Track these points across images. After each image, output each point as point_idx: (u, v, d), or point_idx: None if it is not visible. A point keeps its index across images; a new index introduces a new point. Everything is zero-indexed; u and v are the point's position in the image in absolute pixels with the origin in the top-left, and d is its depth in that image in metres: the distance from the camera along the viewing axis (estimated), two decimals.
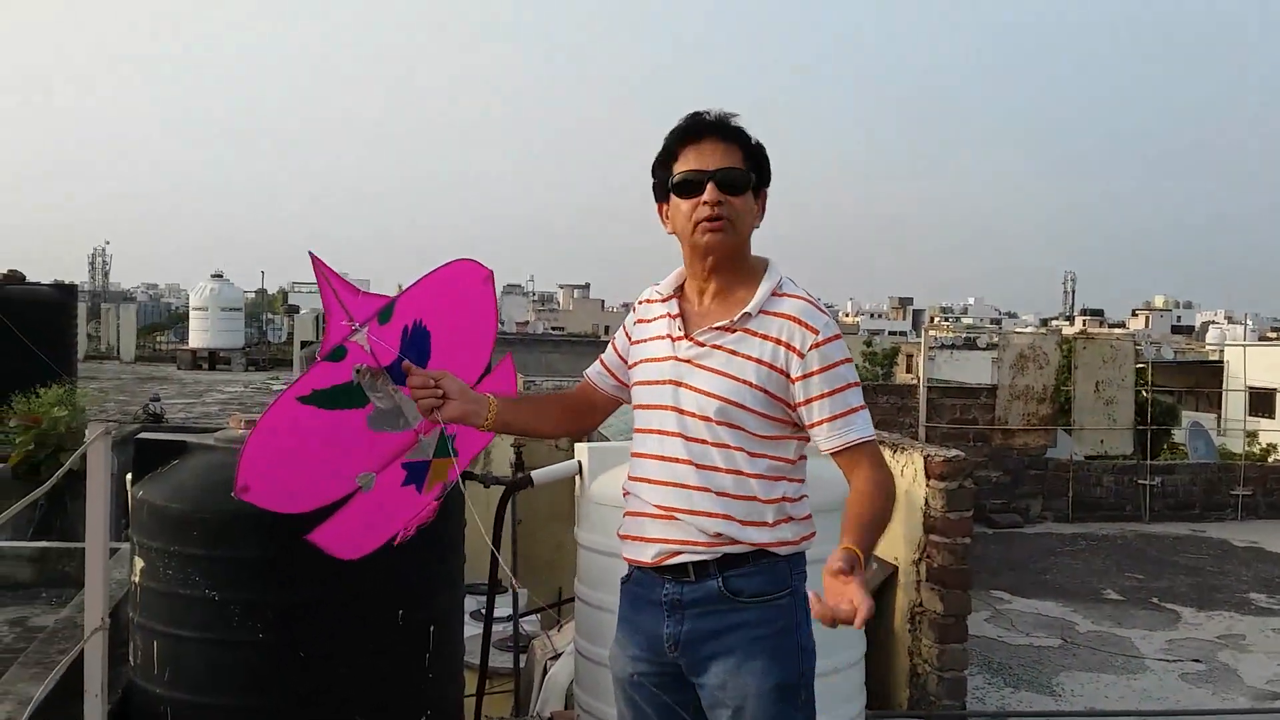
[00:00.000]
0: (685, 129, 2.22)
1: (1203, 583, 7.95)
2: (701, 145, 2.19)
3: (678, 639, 2.20)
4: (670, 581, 2.21)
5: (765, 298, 2.17)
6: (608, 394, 2.48)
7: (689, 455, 2.17)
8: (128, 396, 13.71)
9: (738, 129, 2.22)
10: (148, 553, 2.93)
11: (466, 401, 2.25)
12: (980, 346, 33.86)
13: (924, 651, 4.69)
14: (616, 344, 2.44)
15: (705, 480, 2.16)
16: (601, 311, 73.37)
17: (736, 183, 2.18)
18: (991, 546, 8.90)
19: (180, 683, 2.86)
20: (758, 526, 2.15)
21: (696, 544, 2.16)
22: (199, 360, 21.68)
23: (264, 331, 39.03)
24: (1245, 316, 70.91)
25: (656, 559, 2.21)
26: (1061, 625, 6.70)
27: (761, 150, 2.24)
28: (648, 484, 2.24)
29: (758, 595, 2.16)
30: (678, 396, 2.19)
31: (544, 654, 4.83)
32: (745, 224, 2.20)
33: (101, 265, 74.56)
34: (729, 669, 2.16)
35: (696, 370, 2.18)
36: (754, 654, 2.14)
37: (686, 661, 2.21)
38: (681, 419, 2.18)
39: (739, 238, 2.20)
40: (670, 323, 2.26)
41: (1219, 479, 10.81)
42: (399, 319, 2.28)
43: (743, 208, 2.18)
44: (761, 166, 2.23)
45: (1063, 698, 5.38)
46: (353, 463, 2.32)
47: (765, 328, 2.15)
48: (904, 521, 4.78)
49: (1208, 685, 5.61)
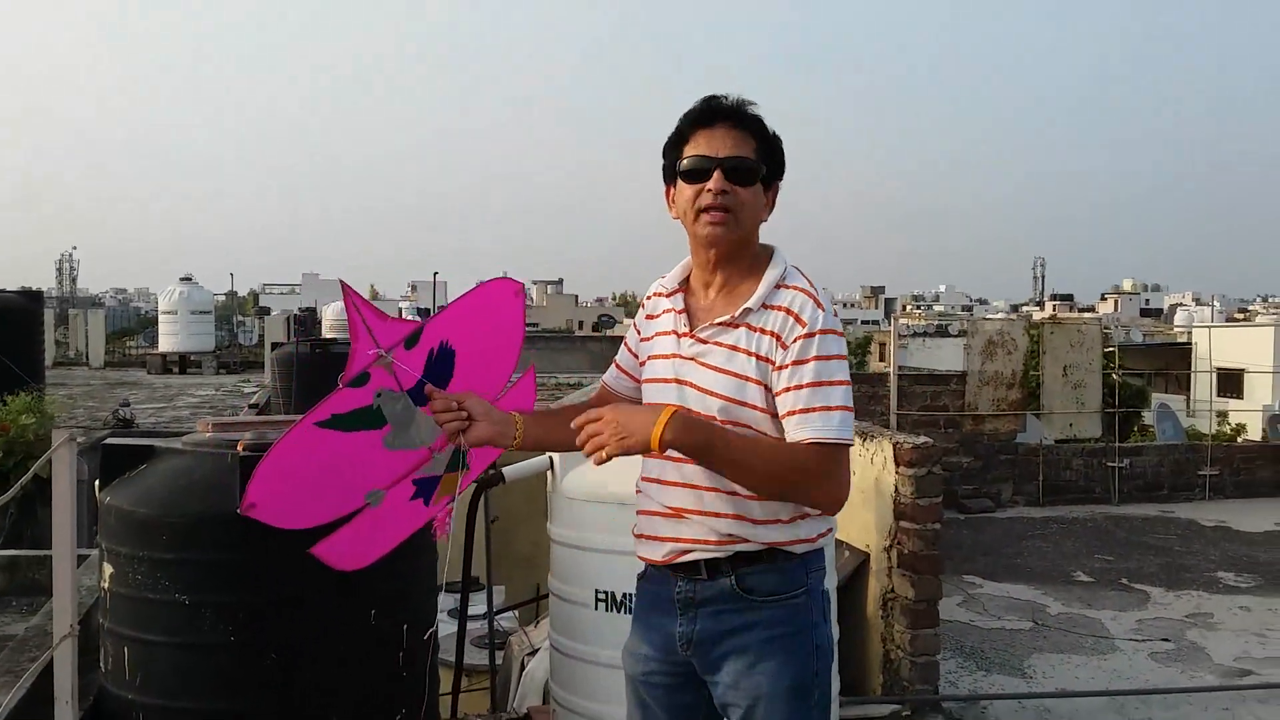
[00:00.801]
0: (699, 112, 2.16)
1: (1171, 563, 8.06)
2: (714, 130, 2.12)
3: (690, 638, 2.17)
4: (683, 579, 2.18)
5: (768, 291, 2.11)
6: (625, 397, 2.39)
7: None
8: (97, 402, 13.60)
9: (754, 117, 2.15)
10: (116, 558, 2.91)
11: (493, 423, 2.18)
12: (952, 334, 34.08)
13: (897, 637, 4.74)
14: (629, 343, 2.39)
15: (714, 480, 2.10)
16: (575, 307, 73.25)
17: (745, 172, 2.11)
18: (963, 531, 8.98)
19: (152, 688, 2.85)
20: (772, 524, 2.11)
21: (708, 542, 2.13)
22: (169, 364, 21.56)
23: (235, 334, 38.73)
24: (1213, 298, 71.78)
25: (668, 557, 2.18)
26: (1032, 608, 6.78)
27: (777, 141, 2.18)
28: (658, 484, 2.20)
29: (772, 594, 2.12)
30: (683, 395, 2.14)
31: (521, 650, 4.85)
32: (750, 216, 2.13)
33: (69, 271, 73.77)
34: (742, 668, 2.12)
35: (698, 368, 2.13)
36: (768, 654, 2.11)
37: (699, 660, 2.18)
38: None
39: (742, 230, 2.13)
40: (676, 318, 2.21)
41: (1186, 460, 10.95)
42: (425, 343, 2.25)
43: (748, 199, 2.12)
44: (775, 158, 2.17)
45: (1034, 679, 5.44)
46: (364, 480, 2.31)
47: (764, 321, 2.09)
48: (875, 508, 4.82)
49: (1177, 664, 5.70)
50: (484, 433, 2.18)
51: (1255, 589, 7.31)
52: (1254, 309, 66.19)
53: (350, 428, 2.23)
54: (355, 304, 2.17)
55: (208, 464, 2.93)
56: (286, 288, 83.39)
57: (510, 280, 2.46)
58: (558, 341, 28.89)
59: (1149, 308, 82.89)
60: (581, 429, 2.03)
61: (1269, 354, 25.55)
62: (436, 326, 2.28)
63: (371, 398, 2.21)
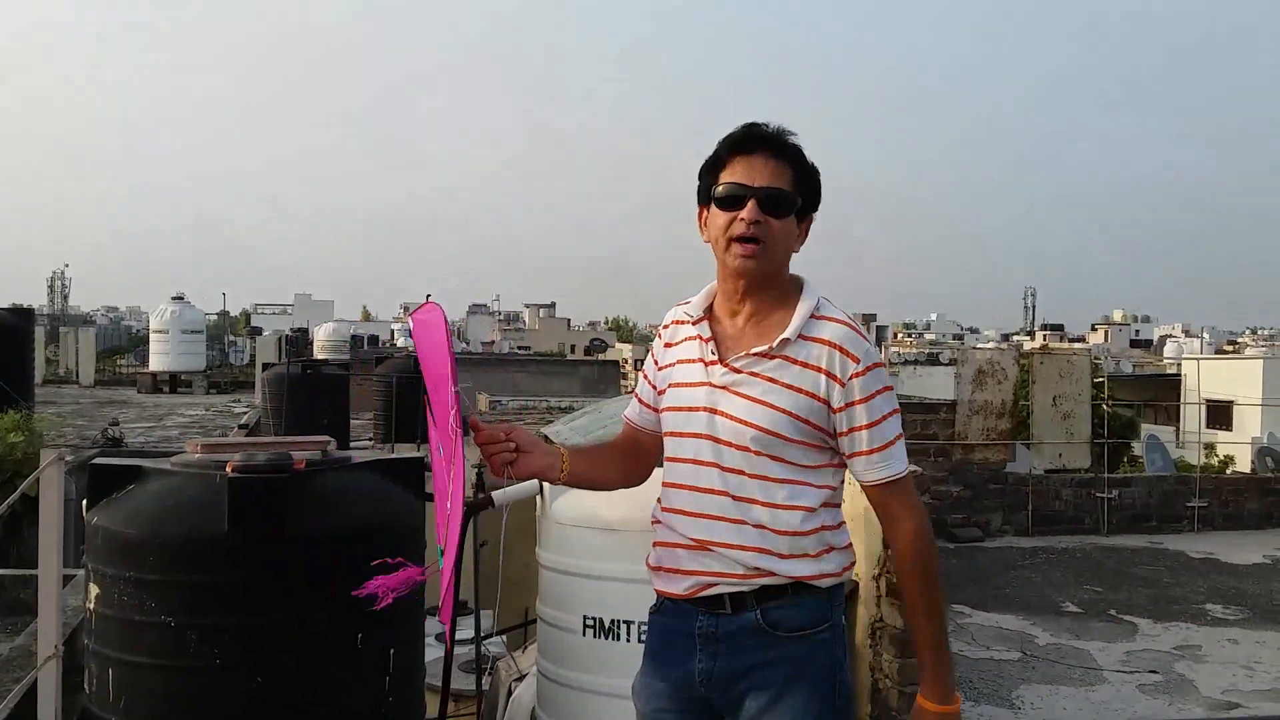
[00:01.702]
0: (739, 139, 2.14)
1: (1160, 594, 8.06)
2: (752, 159, 2.10)
3: (710, 674, 2.13)
4: (704, 614, 2.13)
5: (804, 321, 2.09)
6: (652, 432, 2.33)
7: (725, 486, 2.09)
8: (86, 421, 13.55)
9: (794, 146, 2.13)
10: (103, 579, 2.91)
11: (542, 455, 2.16)
12: (942, 362, 34.18)
13: (885, 667, 4.73)
14: (647, 375, 2.34)
15: (742, 513, 2.08)
16: (567, 330, 73.28)
17: (780, 203, 2.08)
18: (953, 561, 8.97)
19: (136, 710, 2.84)
20: (799, 559, 2.09)
21: (733, 576, 2.09)
22: (159, 383, 21.50)
23: (226, 354, 38.74)
24: (1202, 330, 72.08)
25: (690, 590, 2.14)
26: (1021, 638, 6.77)
27: (815, 173, 2.16)
28: (681, 515, 2.15)
29: (797, 629, 2.09)
30: (713, 425, 2.11)
31: (508, 675, 4.83)
32: (781, 248, 2.11)
33: (60, 288, 73.76)
34: (764, 704, 2.09)
35: (733, 397, 2.09)
36: (793, 690, 2.08)
37: (718, 696, 2.14)
38: (717, 448, 2.10)
39: (772, 262, 2.11)
40: (702, 346, 2.17)
41: (1175, 491, 10.96)
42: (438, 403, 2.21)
43: (781, 232, 2.09)
44: (811, 190, 2.15)
45: (1022, 710, 5.43)
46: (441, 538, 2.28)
47: (806, 354, 2.07)
48: (864, 537, 4.82)
49: (1165, 696, 5.69)
50: (536, 464, 2.15)
51: (1243, 621, 7.31)
52: (1243, 341, 66.56)
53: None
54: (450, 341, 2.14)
55: (196, 485, 2.93)
56: (279, 308, 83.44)
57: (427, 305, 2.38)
58: (550, 365, 28.90)
59: (1139, 339, 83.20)
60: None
61: (1258, 386, 25.71)
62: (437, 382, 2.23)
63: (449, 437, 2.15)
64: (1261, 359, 31.69)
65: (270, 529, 2.82)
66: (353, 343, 31.44)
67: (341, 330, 32.40)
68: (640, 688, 2.26)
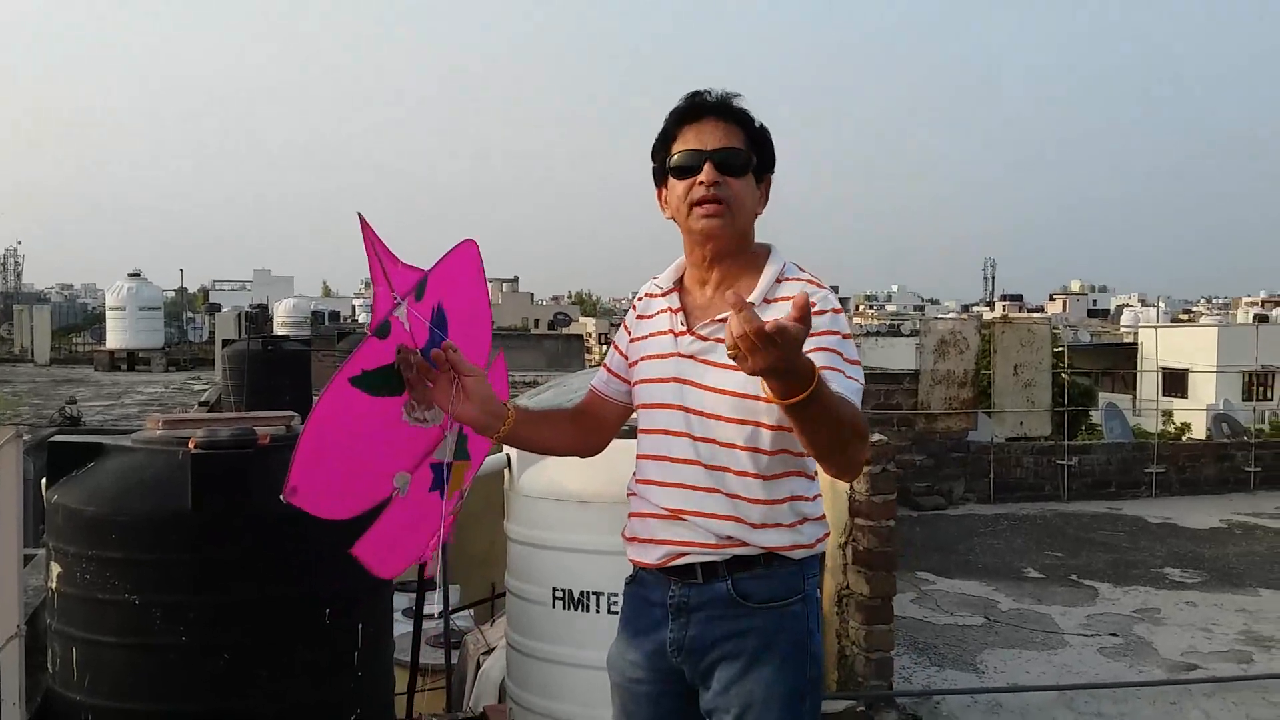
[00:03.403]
0: (684, 109, 2.13)
1: (1119, 559, 8.19)
2: (701, 125, 2.09)
3: (681, 644, 2.12)
4: (676, 584, 2.12)
5: (769, 286, 2.08)
6: (617, 403, 2.31)
7: (697, 455, 2.08)
8: (42, 400, 13.35)
9: (740, 110, 2.12)
10: (64, 557, 2.86)
11: (485, 408, 2.11)
12: (904, 333, 34.43)
13: (851, 633, 4.77)
14: (618, 345, 2.31)
15: (715, 481, 2.07)
16: (531, 305, 73.01)
17: (736, 164, 2.08)
18: (916, 529, 9.07)
19: (100, 689, 2.81)
20: (771, 529, 2.06)
21: (705, 545, 2.08)
22: (117, 361, 21.20)
23: (185, 331, 38.21)
24: (1158, 300, 73.01)
25: (662, 560, 2.12)
26: (984, 604, 6.86)
27: (765, 133, 2.14)
28: (654, 486, 2.14)
29: (768, 600, 2.07)
30: (683, 394, 2.09)
31: (477, 649, 4.83)
32: (745, 209, 2.10)
33: (14, 266, 72.53)
34: (734, 674, 2.07)
35: (701, 366, 2.08)
36: (763, 660, 2.06)
37: (690, 667, 2.13)
38: (688, 418, 2.09)
39: (737, 223, 2.09)
40: (672, 317, 2.16)
41: (1133, 458, 11.13)
42: (429, 297, 2.14)
43: (742, 191, 2.08)
44: (765, 149, 2.14)
45: (986, 674, 5.51)
46: (390, 461, 2.18)
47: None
48: (830, 506, 4.85)
49: (1125, 658, 5.79)
50: (471, 414, 2.11)
51: (1201, 585, 7.45)
52: (1198, 310, 67.62)
53: (376, 390, 2.09)
54: (373, 243, 2.05)
55: (158, 461, 2.89)
56: (237, 284, 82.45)
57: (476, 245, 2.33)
58: (513, 339, 28.78)
59: (1096, 308, 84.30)
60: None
61: (1212, 354, 26.13)
62: (435, 280, 2.16)
63: (394, 354, 2.09)
64: (1215, 327, 32.21)
65: (234, 505, 2.78)
66: (313, 318, 31.13)
67: (302, 306, 32.05)
68: (614, 658, 2.26)
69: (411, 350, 2.09)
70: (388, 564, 2.32)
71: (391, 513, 2.20)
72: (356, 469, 2.14)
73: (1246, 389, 23.98)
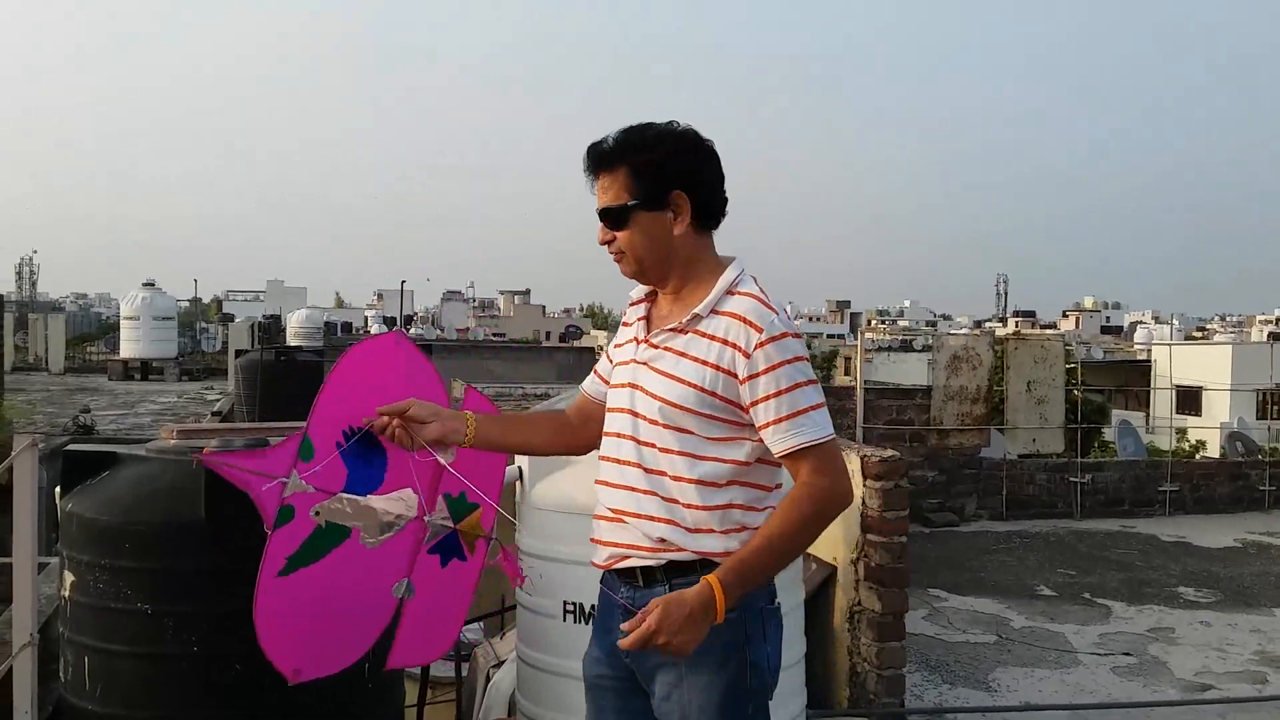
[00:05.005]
0: (584, 167, 2.22)
1: (1133, 577, 8.14)
2: (595, 181, 2.21)
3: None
4: (625, 586, 2.19)
5: (717, 298, 2.13)
6: (600, 404, 2.37)
7: (638, 459, 2.15)
8: (57, 408, 13.41)
9: (618, 149, 2.17)
10: (78, 566, 2.87)
11: (443, 421, 2.21)
12: (916, 348, 34.33)
13: (863, 650, 4.75)
14: (608, 351, 2.42)
15: (652, 484, 2.13)
16: (543, 317, 73.18)
17: (617, 218, 2.17)
18: (928, 545, 9.03)
19: (113, 698, 2.81)
20: (705, 534, 2.11)
21: (643, 549, 2.14)
22: (131, 370, 21.30)
23: (198, 340, 38.37)
24: (1172, 317, 72.72)
25: (608, 562, 2.21)
26: (997, 622, 6.82)
27: (655, 157, 2.15)
28: (605, 487, 2.23)
29: None
30: (633, 399, 2.18)
31: (487, 662, 4.81)
32: (642, 248, 2.17)
33: (29, 275, 72.89)
34: (673, 680, 2.12)
35: (649, 372, 2.16)
36: (697, 667, 2.08)
37: (637, 669, 2.18)
38: (635, 422, 2.17)
39: (641, 263, 2.19)
40: (639, 325, 2.27)
41: (1147, 476, 11.07)
42: (324, 437, 2.18)
43: (631, 239, 2.17)
44: (660, 174, 2.15)
45: (999, 693, 5.48)
46: (381, 583, 2.25)
47: (713, 328, 2.11)
48: (842, 521, 4.84)
49: (1139, 678, 5.75)
50: (434, 431, 2.20)
51: (1215, 604, 7.39)
52: (1212, 327, 67.31)
53: (316, 557, 2.17)
54: (226, 462, 2.15)
55: (172, 471, 2.89)
56: (251, 294, 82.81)
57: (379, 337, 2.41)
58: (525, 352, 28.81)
59: (1109, 325, 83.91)
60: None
61: (1226, 372, 25.94)
62: (322, 416, 2.19)
63: (311, 521, 2.16)
64: (1230, 345, 32.03)
65: (247, 515, 2.78)
66: (326, 329, 31.21)
67: (315, 317, 32.10)
68: (585, 657, 2.33)
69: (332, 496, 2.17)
70: (429, 650, 2.44)
71: (409, 615, 2.29)
72: (346, 615, 2.23)
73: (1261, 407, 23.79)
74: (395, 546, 2.27)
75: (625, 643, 1.99)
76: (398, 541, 2.27)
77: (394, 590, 2.28)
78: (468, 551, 2.39)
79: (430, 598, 2.34)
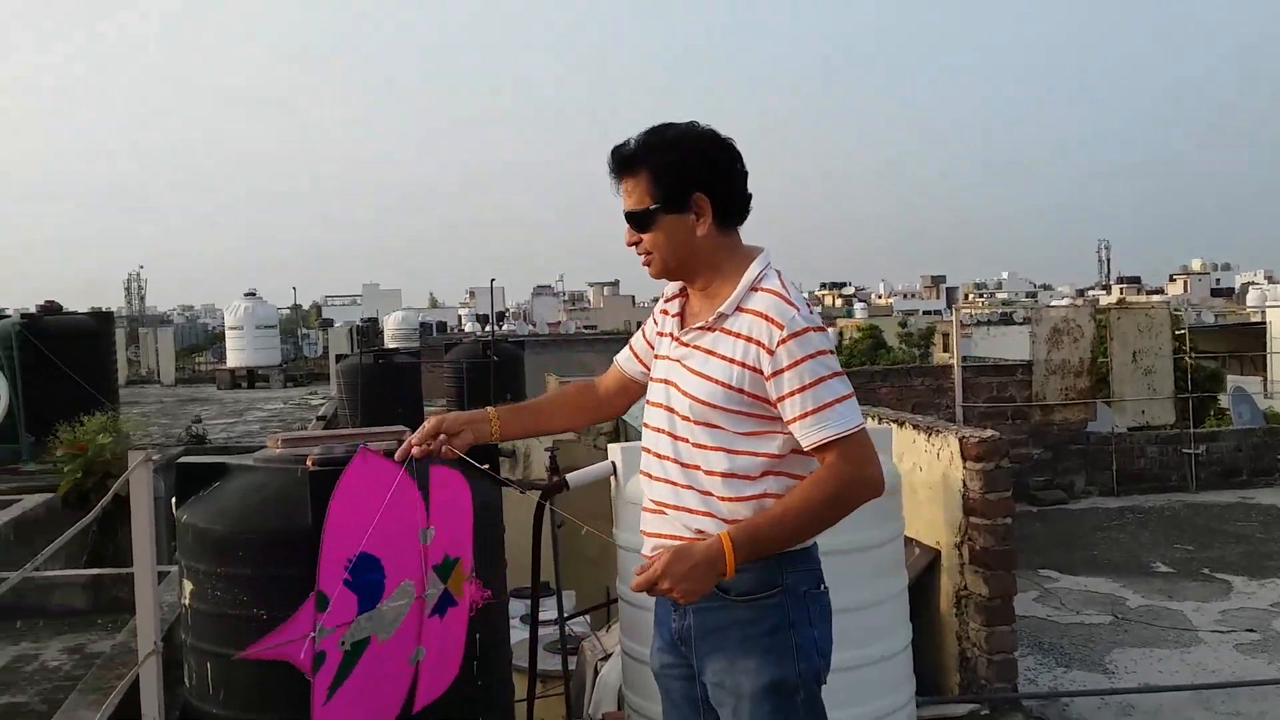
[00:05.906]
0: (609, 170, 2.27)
1: (1253, 550, 7.85)
2: (619, 184, 2.26)
3: (681, 633, 2.27)
4: None
5: (741, 295, 2.19)
6: (632, 378, 2.54)
7: (675, 453, 2.24)
8: (170, 419, 13.88)
9: (640, 151, 2.20)
10: (195, 575, 2.97)
11: (471, 431, 2.38)
12: (1016, 321, 33.56)
13: (972, 635, 4.67)
14: (645, 330, 2.49)
15: (689, 478, 2.22)
16: (632, 307, 73.33)
17: (641, 221, 2.23)
18: (1036, 524, 8.84)
19: (233, 703, 2.90)
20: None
21: (682, 539, 2.19)
22: (238, 379, 21.90)
23: (299, 347, 39.33)
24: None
25: (653, 552, 2.25)
26: (1111, 601, 6.65)
27: (675, 160, 2.18)
28: (648, 479, 2.31)
29: (745, 594, 2.18)
30: (669, 396, 2.26)
31: (594, 655, 4.85)
32: (669, 249, 2.23)
33: (137, 290, 75.58)
34: (724, 666, 2.19)
35: (681, 370, 2.24)
36: (746, 652, 2.17)
37: (692, 656, 2.26)
38: (671, 418, 2.25)
39: (667, 264, 2.26)
40: (673, 321, 2.34)
41: (1265, 444, 10.66)
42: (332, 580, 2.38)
43: (655, 241, 2.23)
44: (682, 175, 2.18)
45: (1116, 675, 5.34)
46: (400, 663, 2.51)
47: (739, 326, 2.17)
48: (943, 505, 4.76)
49: (1263, 654, 5.55)
50: (464, 441, 2.36)
51: None
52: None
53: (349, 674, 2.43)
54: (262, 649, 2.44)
55: (278, 480, 2.97)
56: (348, 299, 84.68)
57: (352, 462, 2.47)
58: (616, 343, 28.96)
59: (1220, 288, 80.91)
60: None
61: None
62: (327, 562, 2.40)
63: (339, 651, 2.39)
64: None
65: None
66: (421, 330, 31.72)
67: (410, 318, 32.62)
68: (651, 648, 2.43)
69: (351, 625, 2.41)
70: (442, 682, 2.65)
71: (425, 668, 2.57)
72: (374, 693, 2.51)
73: None
74: (405, 629, 2.48)
75: (634, 584, 2.08)
76: (406, 624, 2.48)
77: (409, 660, 2.50)
78: (457, 596, 2.60)
79: (438, 647, 2.56)
